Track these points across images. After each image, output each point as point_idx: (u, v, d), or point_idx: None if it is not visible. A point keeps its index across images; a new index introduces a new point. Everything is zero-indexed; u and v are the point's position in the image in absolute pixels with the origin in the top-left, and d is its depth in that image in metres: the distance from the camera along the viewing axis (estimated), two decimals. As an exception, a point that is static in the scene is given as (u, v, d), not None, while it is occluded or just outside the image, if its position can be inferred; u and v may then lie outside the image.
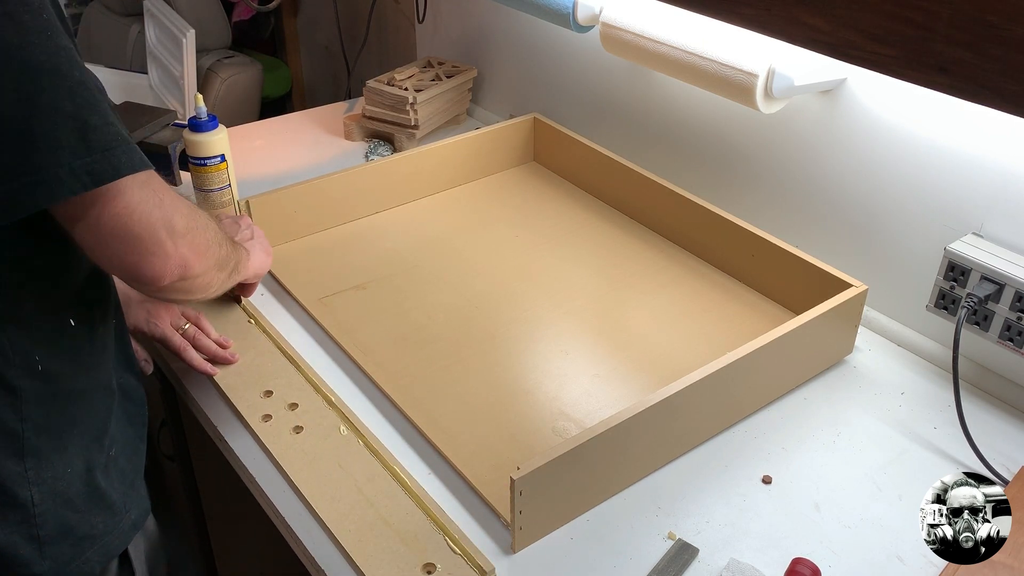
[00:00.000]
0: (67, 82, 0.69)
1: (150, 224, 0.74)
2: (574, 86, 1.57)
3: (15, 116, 0.67)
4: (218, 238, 0.87)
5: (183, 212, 0.78)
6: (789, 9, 0.75)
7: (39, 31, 0.68)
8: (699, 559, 0.87)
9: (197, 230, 0.80)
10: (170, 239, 0.76)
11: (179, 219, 0.77)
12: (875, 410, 1.06)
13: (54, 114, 0.68)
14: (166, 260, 0.76)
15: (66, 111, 0.69)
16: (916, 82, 0.70)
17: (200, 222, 0.82)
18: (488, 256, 1.32)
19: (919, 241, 1.12)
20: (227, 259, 0.91)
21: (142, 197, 0.74)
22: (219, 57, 2.35)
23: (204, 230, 0.82)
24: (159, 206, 0.75)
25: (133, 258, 0.75)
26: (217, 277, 0.88)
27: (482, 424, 1.01)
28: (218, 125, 1.28)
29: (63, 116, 0.68)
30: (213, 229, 0.86)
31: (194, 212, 0.82)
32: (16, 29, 0.67)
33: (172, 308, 1.10)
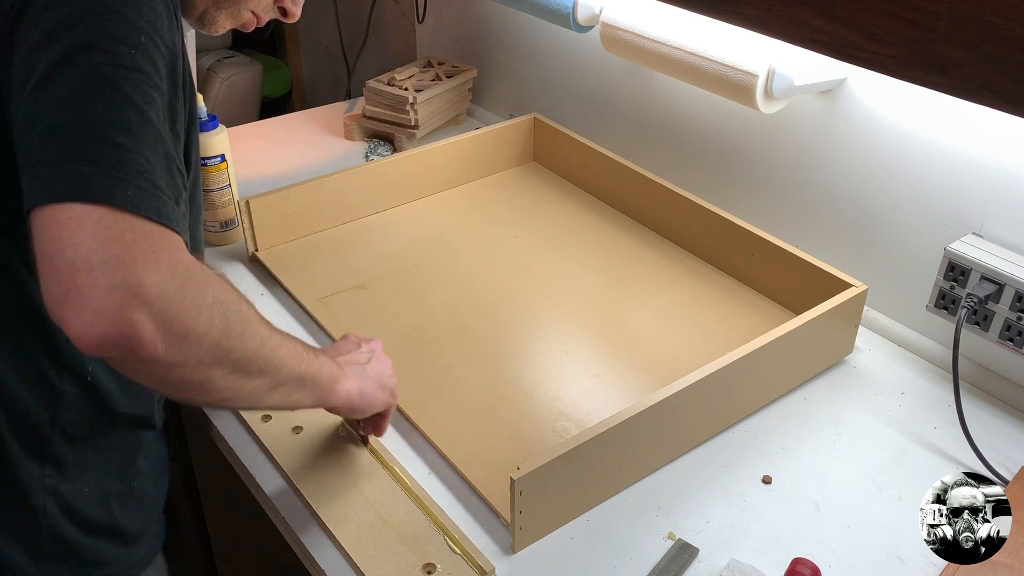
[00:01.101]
0: (118, 95, 0.62)
1: (98, 257, 0.57)
2: (574, 86, 1.57)
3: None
4: (247, 332, 0.68)
5: (165, 264, 0.60)
6: (789, 9, 0.75)
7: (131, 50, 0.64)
8: (699, 559, 0.87)
9: (184, 302, 0.61)
10: (116, 289, 0.57)
11: (151, 273, 0.59)
12: (875, 410, 1.06)
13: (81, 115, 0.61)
14: (94, 311, 0.57)
15: (95, 118, 0.61)
16: (916, 82, 0.70)
17: (202, 292, 0.63)
18: (488, 256, 1.32)
19: (919, 241, 1.12)
20: (263, 365, 0.71)
21: (115, 230, 0.59)
22: (219, 57, 2.35)
23: (205, 309, 0.63)
24: (137, 252, 0.59)
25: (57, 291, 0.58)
26: (232, 382, 0.68)
27: (482, 424, 1.01)
28: (218, 125, 1.28)
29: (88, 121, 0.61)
30: (239, 316, 0.67)
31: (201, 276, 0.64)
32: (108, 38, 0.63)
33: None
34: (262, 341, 0.70)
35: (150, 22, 0.66)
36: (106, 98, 0.62)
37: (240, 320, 0.68)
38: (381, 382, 0.90)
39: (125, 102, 0.63)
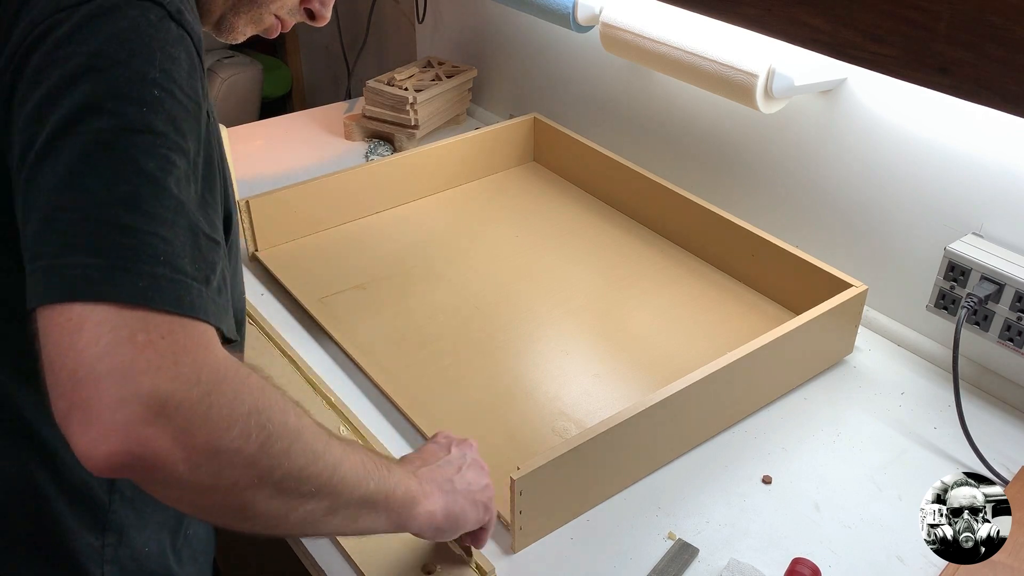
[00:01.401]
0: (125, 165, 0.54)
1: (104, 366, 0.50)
2: (574, 86, 1.57)
3: None
4: (295, 446, 0.58)
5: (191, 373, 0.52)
6: (789, 9, 0.75)
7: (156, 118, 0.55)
8: (699, 559, 0.87)
9: (210, 414, 0.52)
10: (126, 402, 0.49)
11: (185, 390, 0.51)
12: (875, 410, 1.06)
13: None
14: (101, 428, 0.49)
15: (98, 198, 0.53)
16: (916, 82, 0.70)
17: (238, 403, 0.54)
18: (488, 256, 1.32)
19: (919, 241, 1.12)
20: (317, 486, 0.60)
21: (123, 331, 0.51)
22: (219, 57, 2.35)
23: (240, 421, 0.54)
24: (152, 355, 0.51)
25: (61, 404, 0.50)
26: (277, 504, 0.58)
27: (482, 424, 1.01)
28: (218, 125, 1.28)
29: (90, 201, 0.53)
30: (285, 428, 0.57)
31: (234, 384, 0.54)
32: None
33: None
34: (315, 457, 0.60)
35: (165, 71, 0.57)
36: (111, 170, 0.53)
37: (286, 432, 0.58)
38: (473, 497, 0.77)
39: (135, 172, 0.54)
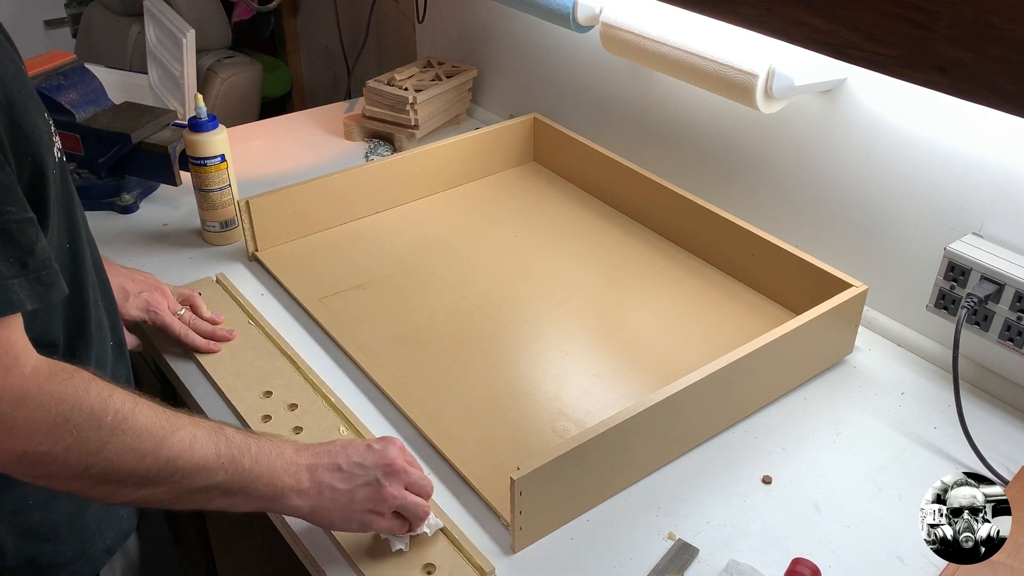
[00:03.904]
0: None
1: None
2: (574, 86, 1.57)
3: None
4: (110, 444, 0.66)
5: (15, 407, 0.61)
6: (789, 9, 0.75)
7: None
8: (699, 559, 0.87)
9: (15, 424, 0.62)
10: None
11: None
12: (875, 410, 1.06)
13: None
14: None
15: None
16: (916, 82, 0.70)
17: (42, 414, 0.63)
18: (488, 256, 1.32)
19: (919, 241, 1.12)
20: (148, 476, 0.69)
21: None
22: (219, 57, 2.35)
23: (43, 429, 0.63)
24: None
25: None
26: (109, 490, 0.69)
27: (482, 424, 1.01)
28: (218, 125, 1.28)
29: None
30: (97, 428, 0.66)
31: (40, 398, 0.63)
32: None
33: (167, 293, 1.10)
34: (139, 454, 0.68)
35: None
36: None
37: (98, 434, 0.66)
38: (348, 512, 0.80)
39: None
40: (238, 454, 0.74)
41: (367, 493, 0.80)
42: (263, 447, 0.76)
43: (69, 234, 0.80)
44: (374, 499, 0.80)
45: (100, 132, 1.38)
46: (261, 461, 0.75)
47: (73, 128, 1.39)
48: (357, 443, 0.83)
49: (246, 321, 1.16)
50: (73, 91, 1.41)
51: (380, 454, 0.82)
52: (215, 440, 0.73)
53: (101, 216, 1.41)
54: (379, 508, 0.81)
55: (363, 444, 0.83)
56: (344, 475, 0.80)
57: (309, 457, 0.79)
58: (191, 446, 0.71)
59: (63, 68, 1.43)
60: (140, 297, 1.08)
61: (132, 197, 1.43)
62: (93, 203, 1.42)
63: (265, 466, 0.75)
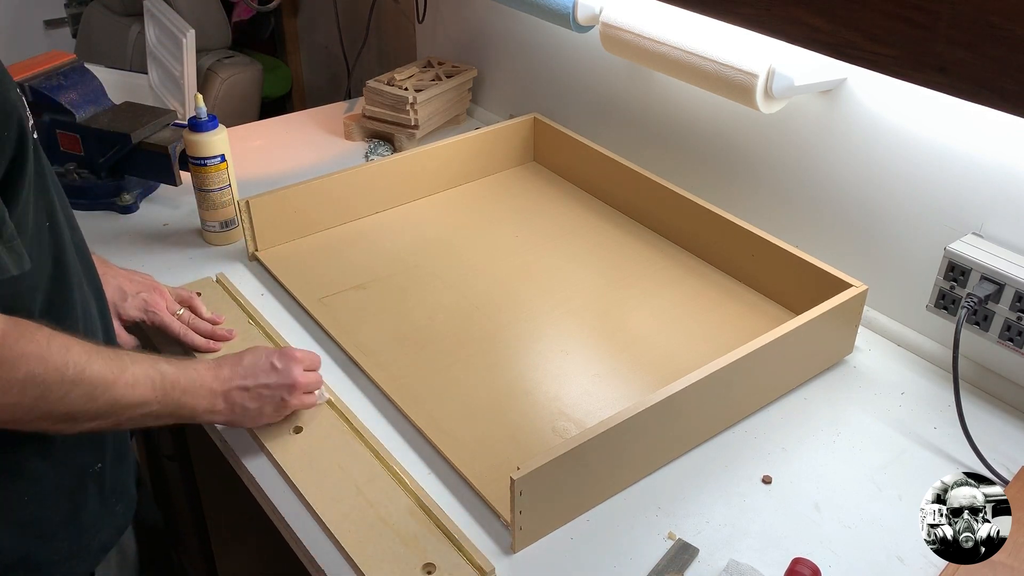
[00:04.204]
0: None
1: None
2: (574, 86, 1.57)
3: None
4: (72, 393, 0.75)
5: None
6: (789, 9, 0.75)
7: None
8: (699, 559, 0.87)
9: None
10: None
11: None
12: (875, 410, 1.06)
13: None
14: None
15: None
16: (916, 82, 0.70)
17: (9, 372, 0.71)
18: (488, 256, 1.32)
19: (919, 241, 1.12)
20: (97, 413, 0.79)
21: None
22: (219, 57, 2.35)
23: (15, 385, 0.71)
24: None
25: None
26: (66, 427, 0.78)
27: (482, 424, 1.01)
28: (218, 125, 1.28)
29: None
30: (60, 380, 0.74)
31: (6, 357, 0.70)
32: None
33: (165, 294, 1.11)
34: (92, 397, 0.77)
35: None
36: None
37: (62, 385, 0.74)
38: (258, 420, 0.96)
39: None
40: (169, 388, 0.86)
41: (274, 406, 0.96)
42: (189, 376, 0.89)
43: (48, 212, 0.81)
44: (279, 410, 0.97)
45: (100, 132, 1.38)
46: (188, 391, 0.88)
47: (73, 128, 1.39)
48: (262, 362, 0.95)
49: (246, 321, 1.16)
50: (73, 91, 1.41)
51: (284, 374, 0.96)
52: (152, 376, 0.84)
53: (101, 216, 1.41)
54: (282, 414, 0.98)
55: (267, 363, 0.95)
56: (252, 395, 0.94)
57: (223, 382, 0.92)
58: (133, 387, 0.81)
59: (63, 68, 1.43)
60: (138, 297, 1.08)
61: (132, 197, 1.43)
62: (93, 203, 1.42)
63: (190, 396, 0.89)
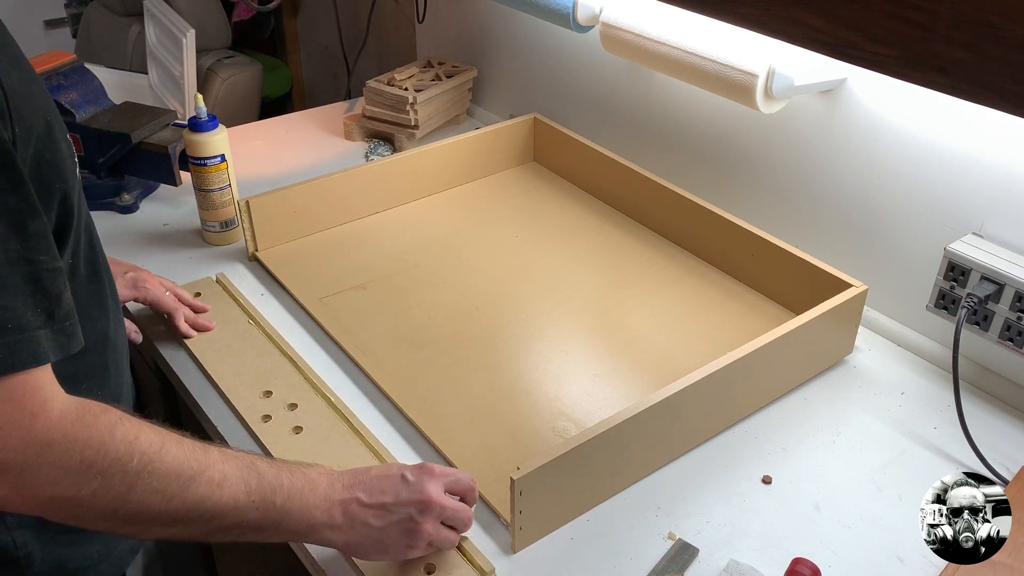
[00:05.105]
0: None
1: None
2: (574, 86, 1.57)
3: None
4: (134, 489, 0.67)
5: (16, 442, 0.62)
6: (789, 9, 0.75)
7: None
8: (699, 559, 0.87)
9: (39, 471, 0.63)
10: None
11: (14, 453, 0.62)
12: (875, 410, 1.06)
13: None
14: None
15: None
16: (916, 82, 0.70)
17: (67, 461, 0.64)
18: (488, 256, 1.32)
19: (919, 241, 1.12)
20: (177, 517, 0.69)
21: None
22: (219, 57, 2.35)
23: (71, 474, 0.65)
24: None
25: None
26: (139, 529, 0.69)
27: (482, 424, 1.01)
28: (218, 125, 1.28)
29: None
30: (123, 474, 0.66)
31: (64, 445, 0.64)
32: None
33: (152, 275, 1.13)
34: (166, 496, 0.68)
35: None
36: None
37: (124, 478, 0.66)
38: (384, 548, 0.79)
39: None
40: (269, 492, 0.73)
41: (401, 530, 0.78)
42: (295, 482, 0.75)
43: (88, 238, 0.79)
44: (409, 536, 0.79)
45: (100, 132, 1.38)
46: (293, 497, 0.74)
47: (73, 128, 1.39)
48: (392, 475, 0.80)
49: (246, 321, 1.16)
50: (73, 91, 1.41)
51: (415, 489, 0.79)
52: (245, 477, 0.72)
53: (101, 216, 1.41)
54: (414, 543, 0.79)
55: (398, 475, 0.80)
56: (378, 512, 0.78)
57: (342, 491, 0.77)
58: (220, 486, 0.71)
59: (63, 68, 1.43)
60: (126, 277, 1.10)
61: (132, 197, 1.43)
62: (93, 203, 1.42)
63: (297, 503, 0.74)
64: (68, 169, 0.72)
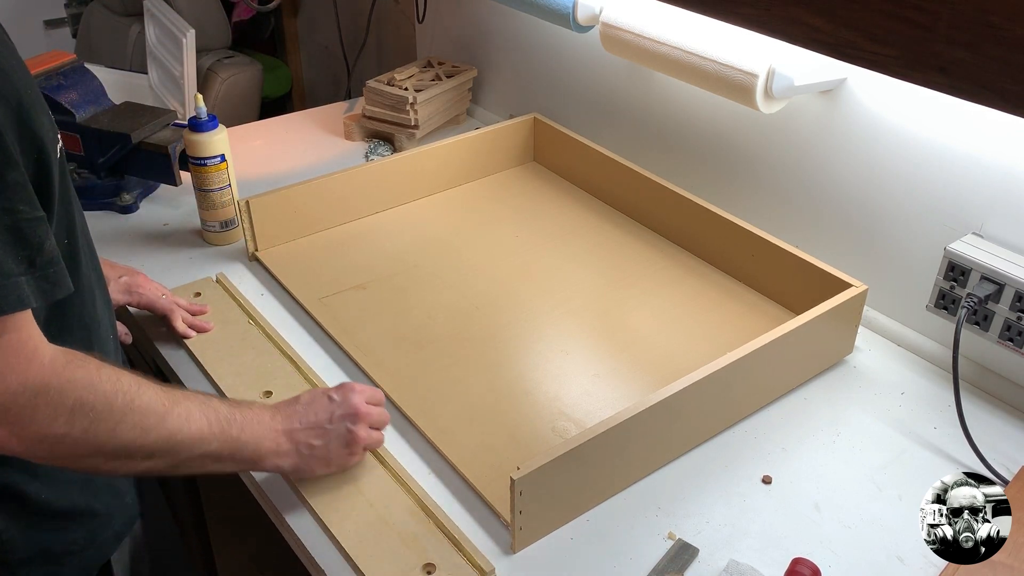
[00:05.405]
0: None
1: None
2: (574, 86, 1.57)
3: None
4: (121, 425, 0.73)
5: (14, 384, 0.67)
6: (789, 9, 0.75)
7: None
8: (699, 559, 0.87)
9: (36, 413, 0.68)
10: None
11: (13, 396, 0.67)
12: (875, 410, 1.06)
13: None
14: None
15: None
16: (916, 82, 0.70)
17: (59, 401, 0.69)
18: (488, 256, 1.32)
19: (919, 241, 1.12)
20: (152, 451, 0.76)
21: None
22: (219, 57, 2.35)
23: (65, 414, 0.69)
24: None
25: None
26: (118, 465, 0.75)
27: (482, 424, 1.01)
28: (218, 125, 1.28)
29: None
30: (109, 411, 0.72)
31: (58, 386, 0.69)
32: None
33: (148, 278, 1.13)
34: (144, 430, 0.74)
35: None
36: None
37: (110, 415, 0.72)
38: (327, 462, 0.89)
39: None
40: (227, 425, 0.81)
41: (341, 442, 0.89)
42: (245, 416, 0.84)
43: (67, 232, 0.81)
44: (348, 445, 0.90)
45: (100, 132, 1.38)
46: (246, 429, 0.83)
47: (73, 128, 1.39)
48: (320, 398, 0.90)
49: (246, 321, 1.16)
50: (73, 91, 1.41)
51: (345, 405, 0.90)
52: (206, 412, 0.80)
53: (101, 216, 1.41)
54: (353, 451, 0.91)
55: (325, 397, 0.90)
56: (318, 432, 0.88)
57: (283, 421, 0.86)
58: (188, 420, 0.78)
59: (63, 68, 1.43)
60: (120, 281, 1.10)
61: (132, 197, 1.43)
62: (93, 203, 1.42)
63: (249, 434, 0.83)
64: (48, 142, 0.74)
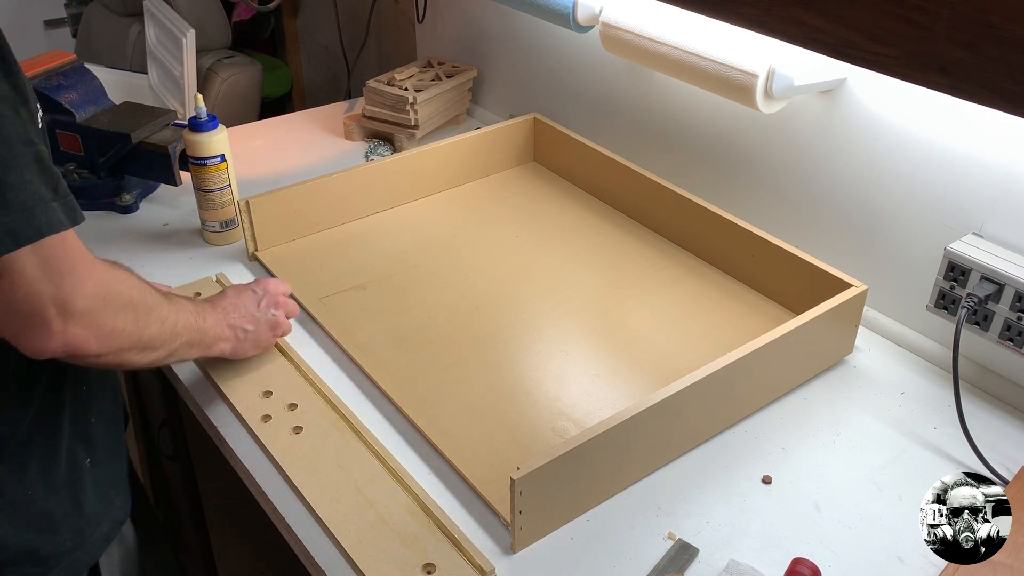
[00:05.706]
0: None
1: (36, 301, 0.71)
2: (574, 86, 1.57)
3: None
4: (151, 318, 0.83)
5: (90, 288, 0.75)
6: (789, 9, 0.75)
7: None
8: (699, 559, 0.87)
9: (106, 311, 0.77)
10: (59, 318, 0.73)
11: (80, 298, 0.74)
12: (875, 410, 1.06)
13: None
14: (48, 339, 0.73)
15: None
16: (916, 82, 0.70)
17: (119, 299, 0.78)
18: (488, 256, 1.32)
19: (919, 241, 1.12)
20: (165, 340, 0.87)
21: (34, 273, 0.71)
22: (219, 57, 2.35)
23: (122, 310, 0.79)
24: (56, 282, 0.72)
25: (13, 330, 0.73)
26: (141, 357, 0.84)
27: (482, 424, 1.01)
28: (218, 125, 1.28)
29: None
30: (145, 307, 0.83)
31: (115, 287, 0.78)
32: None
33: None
34: (162, 322, 0.86)
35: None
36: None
37: (146, 309, 0.83)
38: (257, 343, 1.05)
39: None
40: (195, 315, 0.94)
41: (268, 325, 1.05)
42: (200, 307, 0.96)
43: None
44: (273, 328, 1.06)
45: (100, 132, 1.38)
46: (206, 319, 0.96)
47: (73, 128, 1.39)
48: (245, 292, 1.04)
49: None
50: (73, 91, 1.41)
51: (268, 295, 1.06)
52: (184, 305, 0.92)
53: (101, 216, 1.41)
54: (277, 332, 1.07)
55: (249, 291, 1.05)
56: (250, 319, 1.03)
57: (221, 312, 1.00)
58: (177, 311, 0.90)
59: (63, 68, 1.43)
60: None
61: (132, 197, 1.43)
62: (93, 203, 1.42)
63: (208, 323, 0.96)
64: (35, 110, 0.79)
